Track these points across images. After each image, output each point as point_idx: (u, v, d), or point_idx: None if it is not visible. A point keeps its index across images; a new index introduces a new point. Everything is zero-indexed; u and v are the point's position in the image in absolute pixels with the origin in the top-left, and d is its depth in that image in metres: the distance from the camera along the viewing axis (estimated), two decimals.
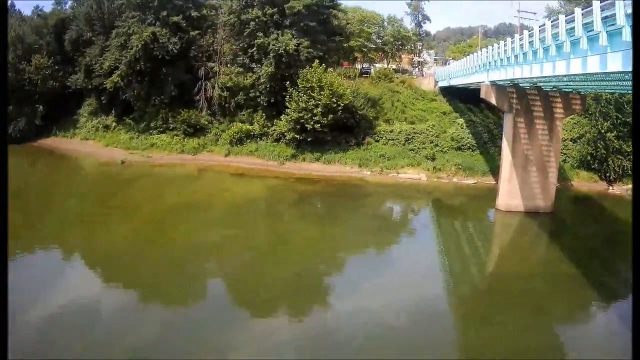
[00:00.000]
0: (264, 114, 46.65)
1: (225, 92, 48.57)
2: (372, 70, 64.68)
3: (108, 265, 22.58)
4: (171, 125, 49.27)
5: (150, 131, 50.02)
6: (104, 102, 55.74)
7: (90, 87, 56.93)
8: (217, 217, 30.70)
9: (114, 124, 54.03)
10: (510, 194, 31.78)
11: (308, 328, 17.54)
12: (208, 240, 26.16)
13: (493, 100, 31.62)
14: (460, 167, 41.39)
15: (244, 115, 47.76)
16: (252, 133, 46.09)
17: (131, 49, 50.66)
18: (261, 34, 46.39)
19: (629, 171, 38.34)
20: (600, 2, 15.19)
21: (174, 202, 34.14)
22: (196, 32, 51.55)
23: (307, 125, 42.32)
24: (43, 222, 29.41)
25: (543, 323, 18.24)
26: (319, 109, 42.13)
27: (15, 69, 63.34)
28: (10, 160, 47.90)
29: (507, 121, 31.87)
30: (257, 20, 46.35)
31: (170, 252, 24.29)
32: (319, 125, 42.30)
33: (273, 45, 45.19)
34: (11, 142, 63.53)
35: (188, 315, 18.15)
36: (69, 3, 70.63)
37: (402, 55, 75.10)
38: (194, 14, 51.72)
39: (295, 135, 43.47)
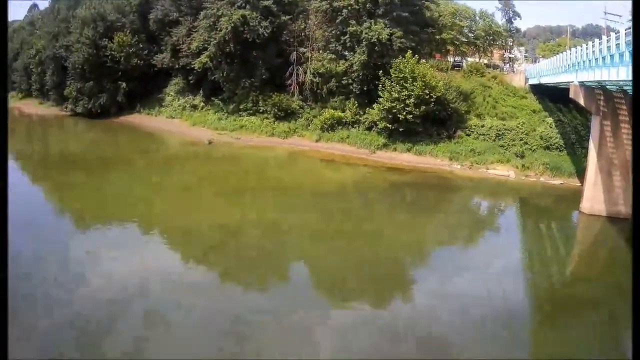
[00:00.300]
0: (356, 102, 50.65)
1: (317, 78, 52.93)
2: (464, 63, 67.44)
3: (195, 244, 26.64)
4: (261, 108, 54.49)
5: (240, 113, 55.53)
6: (191, 82, 61.75)
7: (177, 66, 63.34)
8: (307, 202, 34.23)
9: (202, 104, 60.22)
10: (594, 198, 33.28)
11: (389, 316, 19.75)
12: (294, 224, 29.54)
13: (581, 101, 33.44)
14: (547, 166, 43.64)
15: (335, 102, 52.06)
16: (343, 120, 50.32)
17: (220, 30, 55.84)
18: (354, 22, 49.95)
19: None
20: None
21: (264, 183, 38.71)
22: (287, 17, 56.20)
23: (400, 116, 45.38)
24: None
25: (614, 332, 19.86)
26: (412, 100, 45.07)
27: (96, 45, 71.45)
28: (95, 134, 57.49)
29: (595, 124, 33.35)
30: (349, 7, 50.09)
31: (261, 235, 27.97)
32: (411, 116, 45.26)
33: (366, 33, 48.75)
34: (90, 116, 72.19)
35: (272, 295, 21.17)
36: None
37: (493, 51, 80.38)
38: None
39: (387, 125, 46.65)
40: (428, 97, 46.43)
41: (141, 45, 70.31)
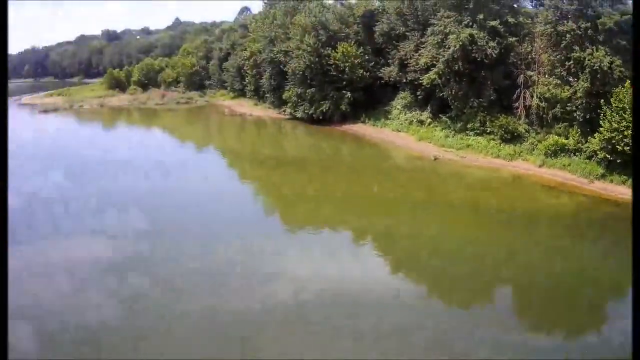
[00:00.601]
0: (579, 129, 57.44)
1: (543, 103, 60.50)
2: None
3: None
4: (488, 129, 64.38)
5: (467, 132, 66.14)
6: (419, 97, 74.55)
7: (404, 80, 76.57)
8: (520, 228, 43.73)
9: (429, 120, 72.87)
10: None
11: None
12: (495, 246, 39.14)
13: None
14: None
15: (559, 128, 59.11)
16: (566, 147, 57.50)
17: (448, 48, 66.71)
18: (577, 48, 58.22)
19: None
20: None
21: (486, 202, 50.10)
22: (514, 38, 65.73)
23: (618, 147, 51.66)
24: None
25: None
26: (629, 132, 51.10)
27: (318, 53, 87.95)
28: (316, 140, 73.90)
29: None
30: (572, 32, 58.16)
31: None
32: (629, 147, 50.55)
33: (588, 60, 56.62)
34: (312, 122, 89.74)
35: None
36: None
37: None
38: (511, 20, 66.40)
39: (606, 155, 53.13)
40: None
41: (367, 57, 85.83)
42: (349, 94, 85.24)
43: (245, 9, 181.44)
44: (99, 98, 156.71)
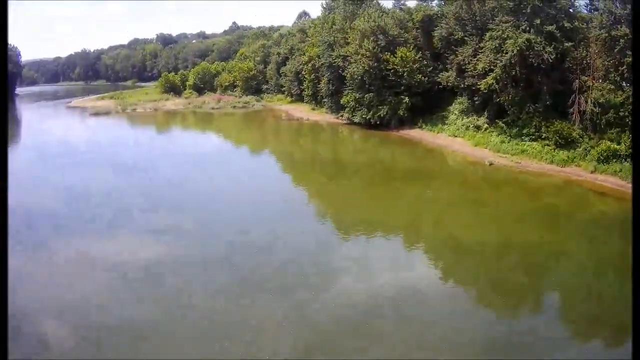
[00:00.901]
0: (630, 135, 58.80)
1: (597, 108, 62.88)
2: None
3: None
4: (543, 135, 67.32)
5: (522, 137, 69.56)
6: (476, 102, 78.66)
7: (462, 86, 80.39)
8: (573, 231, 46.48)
9: (486, 125, 76.84)
10: None
11: None
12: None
13: None
14: None
15: (612, 133, 61.49)
16: (618, 153, 59.58)
17: (506, 53, 70.11)
18: (630, 53, 59.80)
19: None
20: None
21: (535, 205, 53.34)
22: (570, 43, 68.81)
23: None
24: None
25: None
26: None
27: (377, 58, 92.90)
28: (372, 145, 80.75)
29: None
30: (625, 37, 61.06)
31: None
32: None
33: None
34: (368, 127, 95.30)
35: None
36: (435, 1, 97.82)
37: None
38: (567, 24, 69.55)
39: None
40: None
41: (425, 62, 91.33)
42: (406, 99, 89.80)
43: (304, 14, 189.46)
44: (153, 102, 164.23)
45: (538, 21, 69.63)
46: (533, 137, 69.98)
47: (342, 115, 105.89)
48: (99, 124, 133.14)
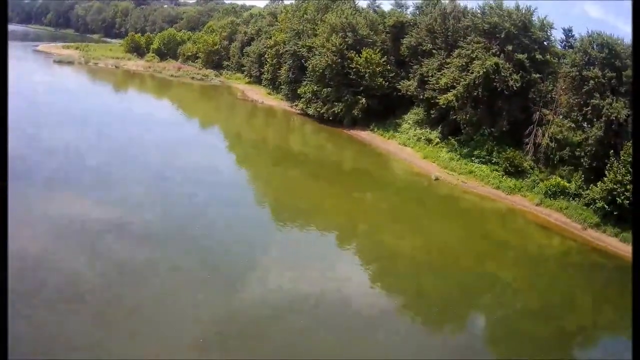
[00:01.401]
0: (582, 175, 58.89)
1: (553, 143, 62.20)
2: None
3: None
4: (494, 159, 66.06)
5: (472, 158, 67.64)
6: (432, 115, 76.34)
7: (421, 97, 77.92)
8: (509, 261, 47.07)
9: (438, 140, 74.47)
10: None
11: None
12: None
13: None
14: None
15: (564, 170, 60.83)
16: (567, 190, 58.75)
17: (472, 73, 68.10)
18: (597, 95, 59.33)
19: None
20: None
21: (474, 233, 51.90)
22: (538, 75, 67.05)
23: (618, 199, 52.76)
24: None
25: None
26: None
27: (342, 55, 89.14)
28: (321, 139, 75.48)
29: None
30: (596, 80, 59.47)
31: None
32: (628, 201, 51.74)
33: (606, 109, 57.90)
34: (321, 121, 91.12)
35: None
36: (410, 9, 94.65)
37: None
38: (539, 56, 67.68)
39: (605, 205, 54.15)
40: None
41: (389, 67, 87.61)
42: (363, 100, 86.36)
43: None
44: (116, 59, 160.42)
45: (510, 47, 68.44)
46: (483, 159, 68.19)
47: (296, 105, 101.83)
48: (61, 73, 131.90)
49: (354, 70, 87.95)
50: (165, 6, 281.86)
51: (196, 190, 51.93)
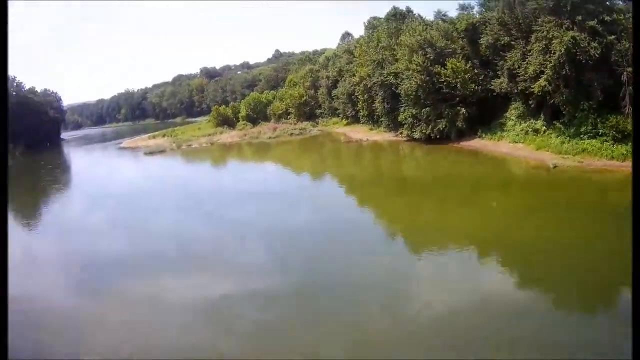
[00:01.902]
0: None
1: None
2: None
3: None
4: (600, 131, 69.34)
5: (581, 136, 72.21)
6: (531, 105, 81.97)
7: (516, 90, 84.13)
8: None
9: (544, 127, 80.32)
10: None
11: None
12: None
13: None
14: None
15: None
16: None
17: (554, 53, 73.49)
18: None
19: None
20: None
21: (602, 206, 54.37)
22: (612, 36, 71.60)
23: None
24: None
25: None
26: None
27: (428, 72, 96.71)
28: (438, 158, 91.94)
29: None
30: None
31: None
32: None
33: None
34: (428, 142, 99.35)
35: None
36: (476, 8, 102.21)
37: None
38: (607, 18, 72.40)
39: None
40: None
41: (476, 71, 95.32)
42: (463, 110, 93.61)
43: (346, 34, 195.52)
44: (208, 136, 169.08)
45: (580, 17, 73.30)
46: (591, 134, 72.72)
47: (401, 133, 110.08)
48: (156, 163, 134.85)
49: (445, 83, 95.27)
50: (239, 72, 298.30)
51: (330, 243, 51.66)
